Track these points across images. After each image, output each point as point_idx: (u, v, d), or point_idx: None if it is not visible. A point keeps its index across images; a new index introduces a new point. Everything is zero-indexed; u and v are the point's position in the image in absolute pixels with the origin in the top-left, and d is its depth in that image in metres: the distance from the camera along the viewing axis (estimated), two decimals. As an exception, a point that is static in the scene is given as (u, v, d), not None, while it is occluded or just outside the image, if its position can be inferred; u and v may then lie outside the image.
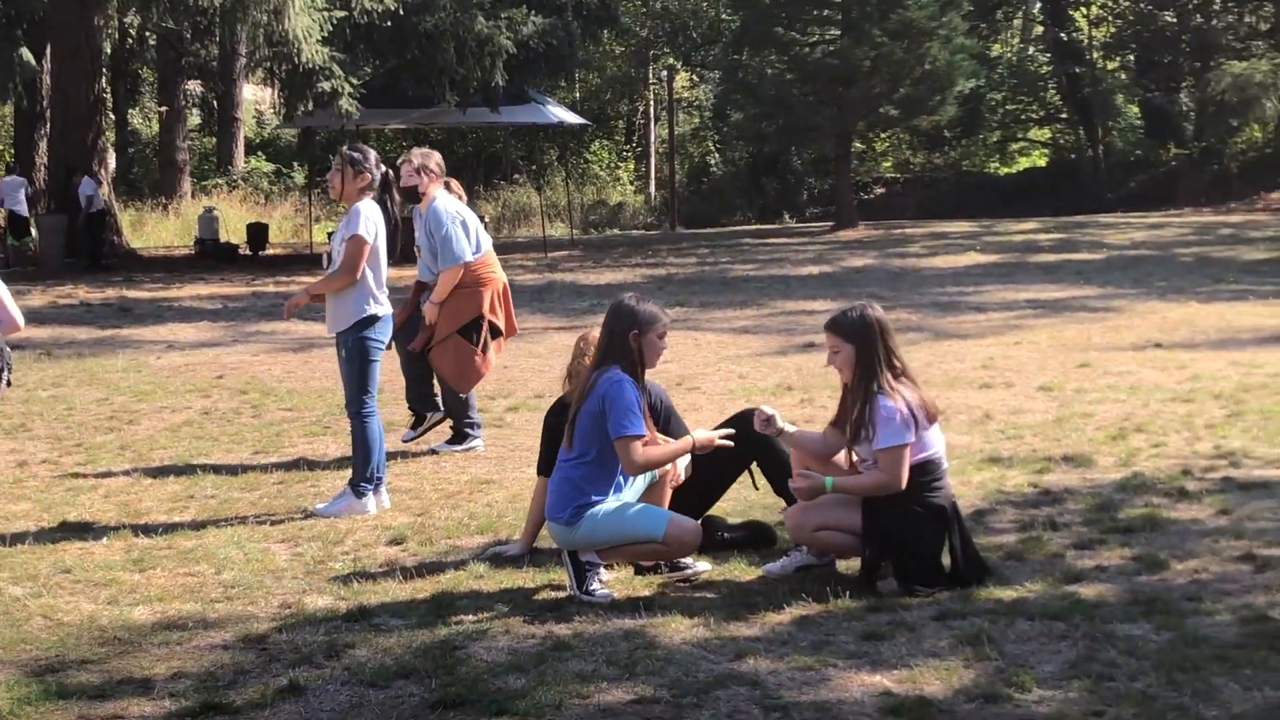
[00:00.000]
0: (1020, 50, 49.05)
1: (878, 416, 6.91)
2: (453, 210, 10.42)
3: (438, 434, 11.08)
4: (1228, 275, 21.72)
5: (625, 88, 49.91)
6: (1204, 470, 9.43)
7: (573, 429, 7.22)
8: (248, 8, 24.62)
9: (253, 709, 5.74)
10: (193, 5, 25.29)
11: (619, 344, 7.24)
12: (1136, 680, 5.77)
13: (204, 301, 22.19)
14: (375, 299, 9.04)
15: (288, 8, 24.37)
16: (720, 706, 5.63)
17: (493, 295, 10.52)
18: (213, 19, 26.85)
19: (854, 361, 7.06)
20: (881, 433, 6.90)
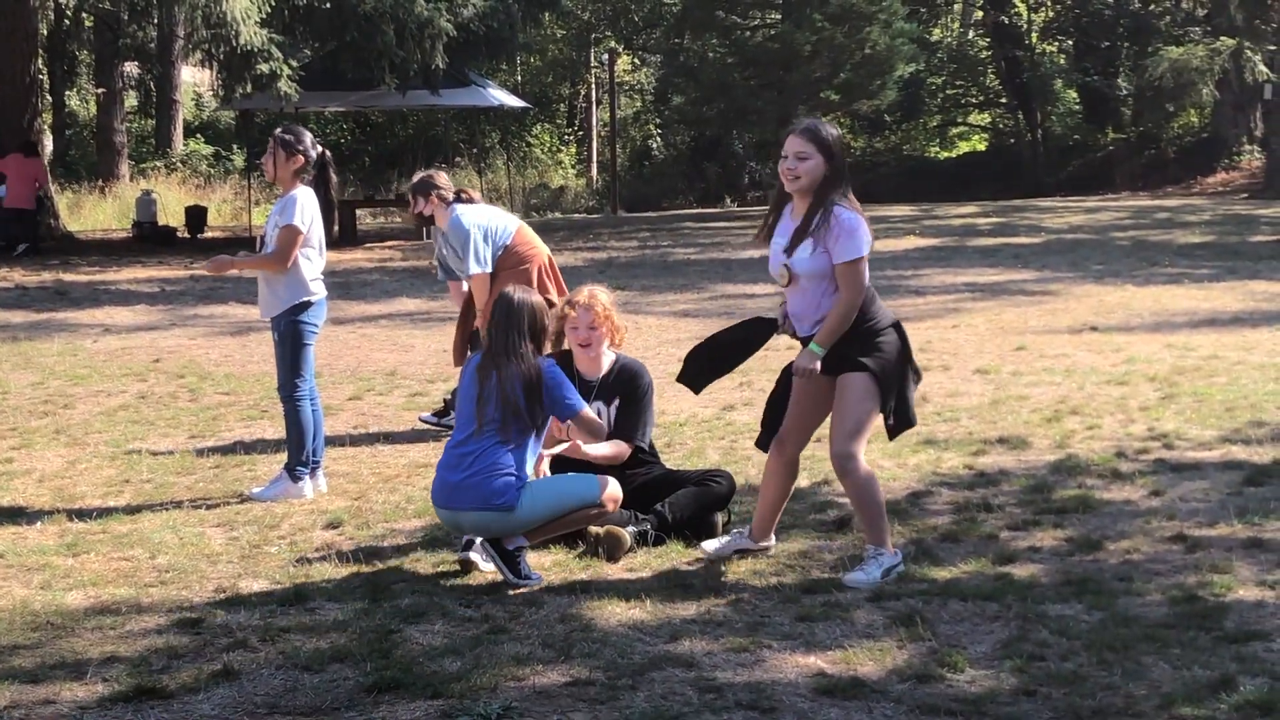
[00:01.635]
0: (960, 35, 49.27)
1: (841, 227, 6.80)
2: (470, 218, 10.39)
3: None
4: (1163, 259, 21.87)
5: (567, 71, 49.86)
6: (1137, 452, 9.52)
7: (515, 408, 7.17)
8: (186, -11, 24.49)
9: (186, 693, 5.72)
10: (128, -14, 25.15)
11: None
12: (1068, 660, 5.83)
13: (141, 285, 22.04)
14: (309, 285, 9.01)
15: (226, -12, 24.24)
16: (655, 688, 5.64)
17: (540, 270, 10.53)
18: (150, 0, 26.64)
19: (822, 174, 6.86)
20: (845, 245, 6.80)
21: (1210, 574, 6.87)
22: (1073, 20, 43.52)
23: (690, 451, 9.92)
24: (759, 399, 11.44)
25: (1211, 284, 18.68)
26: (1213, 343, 13.93)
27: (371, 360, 14.45)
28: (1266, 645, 5.95)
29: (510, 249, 10.41)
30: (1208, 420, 10.41)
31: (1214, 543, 7.42)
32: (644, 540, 7.55)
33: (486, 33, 29.04)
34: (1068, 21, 44.04)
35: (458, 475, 7.18)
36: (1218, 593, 6.61)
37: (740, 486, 8.40)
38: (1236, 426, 10.19)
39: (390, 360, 14.47)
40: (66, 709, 5.48)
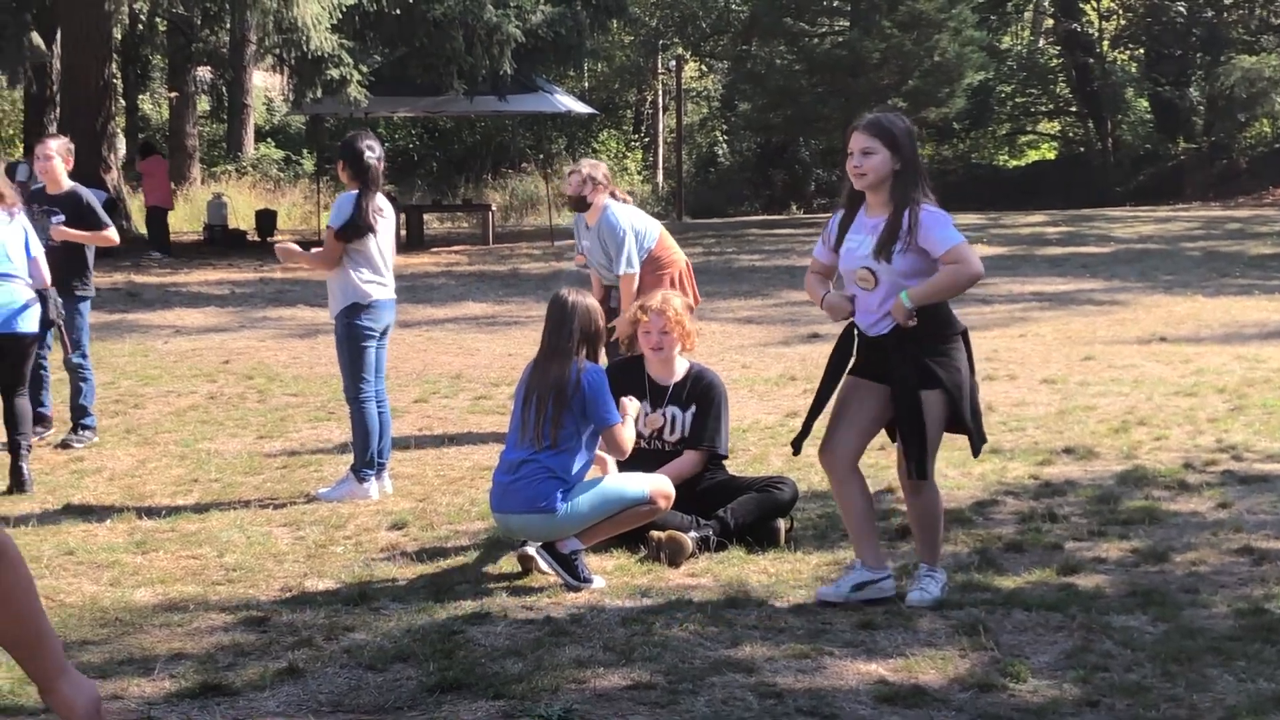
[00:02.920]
0: (1030, 43, 49.01)
1: (933, 219, 6.57)
2: (626, 219, 10.39)
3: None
4: (1234, 270, 21.69)
5: (634, 77, 49.90)
6: (1205, 464, 9.44)
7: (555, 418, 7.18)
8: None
9: (252, 690, 5.77)
10: (201, -9, 25.36)
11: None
12: (1131, 671, 5.79)
13: (211, 287, 22.22)
14: (363, 287, 9.04)
15: (297, -6, 24.40)
16: (716, 693, 5.65)
17: (678, 276, 10.53)
18: (223, 5, 26.90)
19: (892, 168, 6.58)
20: (942, 234, 6.54)
21: (1277, 587, 6.82)
22: (1144, 29, 43.22)
23: (753, 458, 9.92)
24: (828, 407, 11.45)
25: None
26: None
27: (437, 364, 14.52)
28: (1333, 659, 5.91)
29: (652, 254, 10.45)
30: (1276, 432, 10.32)
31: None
32: (706, 546, 7.56)
33: (554, 39, 29.13)
34: (1139, 30, 43.74)
35: (506, 478, 7.24)
36: (1284, 605, 6.57)
37: (803, 493, 8.38)
38: (1306, 439, 10.12)
39: (456, 364, 14.53)
40: (134, 704, 5.54)
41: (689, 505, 7.69)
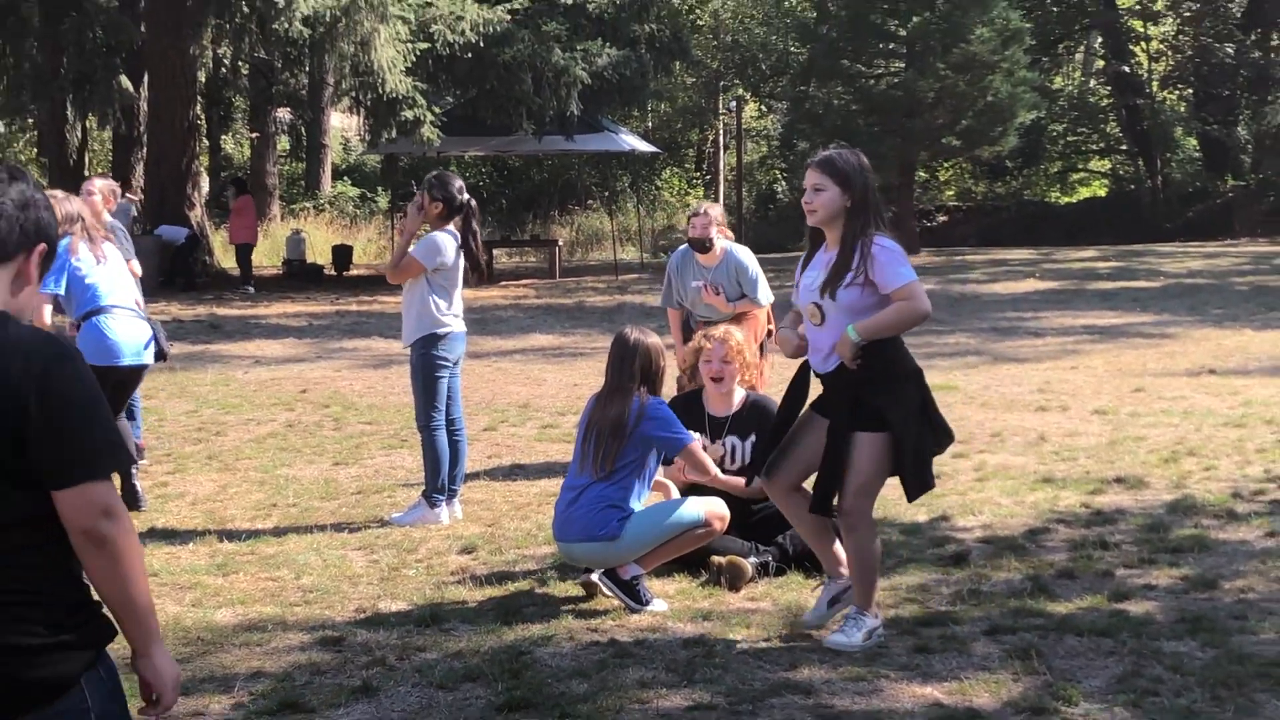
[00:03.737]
0: (1081, 83, 48.78)
1: (886, 254, 6.34)
2: (751, 255, 10.23)
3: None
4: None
5: (695, 117, 49.95)
6: (1253, 493, 9.35)
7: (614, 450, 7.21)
8: (336, 39, 24.85)
9: (327, 708, 5.80)
10: (283, 36, 25.51)
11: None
12: (1181, 696, 5.75)
13: (290, 319, 22.37)
14: (439, 319, 9.12)
15: (374, 40, 24.57)
16: (775, 714, 5.64)
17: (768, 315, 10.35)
18: (302, 50, 27.09)
19: (843, 205, 6.37)
20: (893, 271, 6.31)
21: (1325, 614, 6.76)
22: (1193, 69, 42.99)
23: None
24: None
25: (1329, 329, 18.36)
26: (1330, 387, 13.70)
27: (506, 393, 14.56)
28: (1380, 685, 5.84)
29: None
30: (1324, 463, 10.23)
31: (1329, 583, 7.30)
32: (765, 571, 7.54)
33: (619, 81, 29.20)
34: (1188, 71, 43.51)
35: (568, 508, 7.28)
36: (1332, 633, 6.50)
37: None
38: (1353, 470, 10.02)
39: (523, 393, 14.57)
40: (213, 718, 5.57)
41: (749, 532, 7.69)
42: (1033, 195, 45.97)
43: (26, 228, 3.21)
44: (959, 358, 16.51)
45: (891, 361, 6.42)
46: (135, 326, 9.40)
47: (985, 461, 10.58)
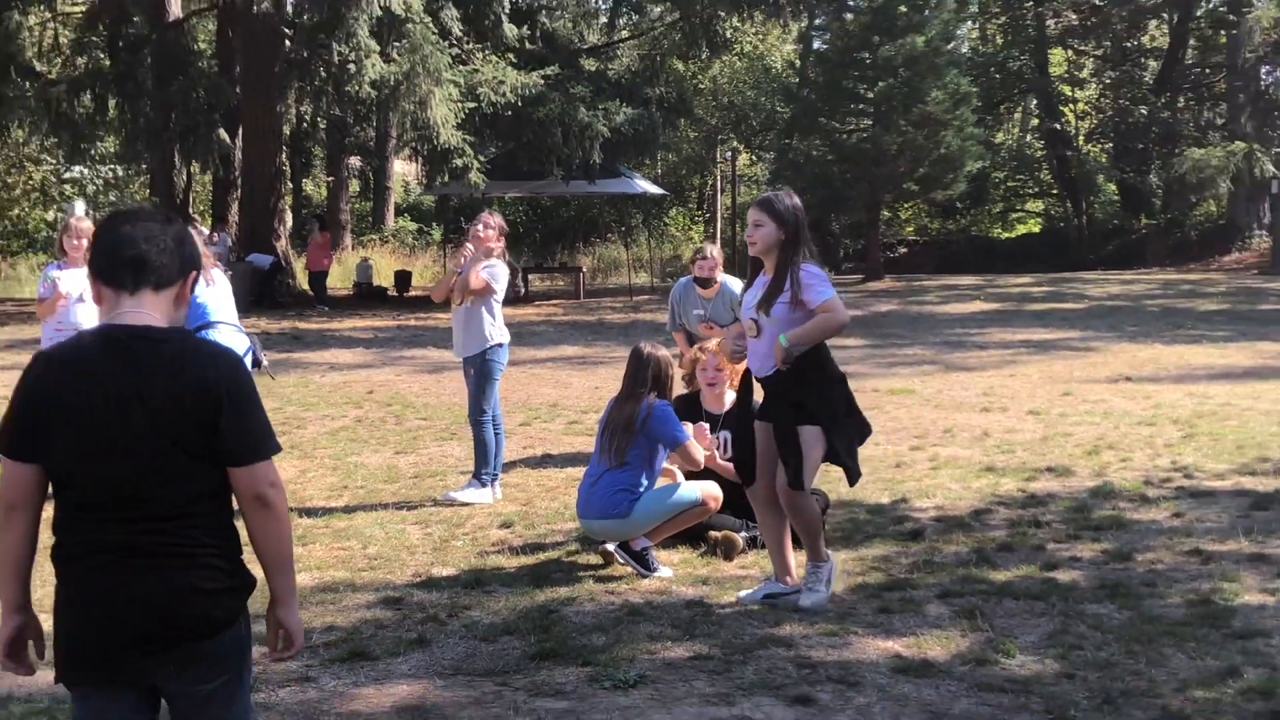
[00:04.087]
0: (1019, 138, 48.73)
1: (811, 277, 6.39)
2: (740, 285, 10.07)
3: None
4: (1186, 323, 21.45)
5: (697, 165, 49.89)
6: (1162, 481, 9.34)
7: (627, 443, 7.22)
8: (398, 100, 24.89)
9: (389, 657, 5.82)
10: (354, 96, 25.59)
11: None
12: (1101, 650, 5.75)
13: (359, 332, 22.37)
14: (498, 332, 9.17)
15: (430, 100, 24.61)
16: (761, 663, 5.65)
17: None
18: (370, 108, 27.14)
19: (778, 238, 6.42)
20: (817, 290, 6.35)
21: (1221, 582, 6.75)
22: (1112, 127, 42.88)
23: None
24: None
25: (1226, 344, 18.30)
26: (1227, 392, 13.64)
27: (538, 395, 14.56)
28: (1267, 641, 5.84)
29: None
30: (1221, 456, 10.20)
31: (1225, 556, 7.28)
32: (754, 544, 7.54)
33: (634, 135, 29.23)
34: (1108, 128, 43.39)
35: (588, 491, 7.32)
36: (1227, 598, 6.49)
37: (832, 503, 8.34)
38: (1245, 461, 9.97)
39: (553, 395, 14.57)
40: (296, 667, 5.58)
41: (740, 511, 7.69)
42: (979, 231, 45.92)
43: (184, 259, 3.42)
44: (916, 366, 16.50)
45: (821, 369, 6.46)
46: (236, 338, 9.43)
47: (938, 453, 10.58)
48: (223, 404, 3.29)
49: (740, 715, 5.07)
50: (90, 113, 28.40)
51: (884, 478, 9.60)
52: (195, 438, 3.29)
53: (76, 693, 3.40)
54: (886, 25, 31.78)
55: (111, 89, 27.99)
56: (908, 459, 10.33)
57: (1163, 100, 40.85)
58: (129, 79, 27.83)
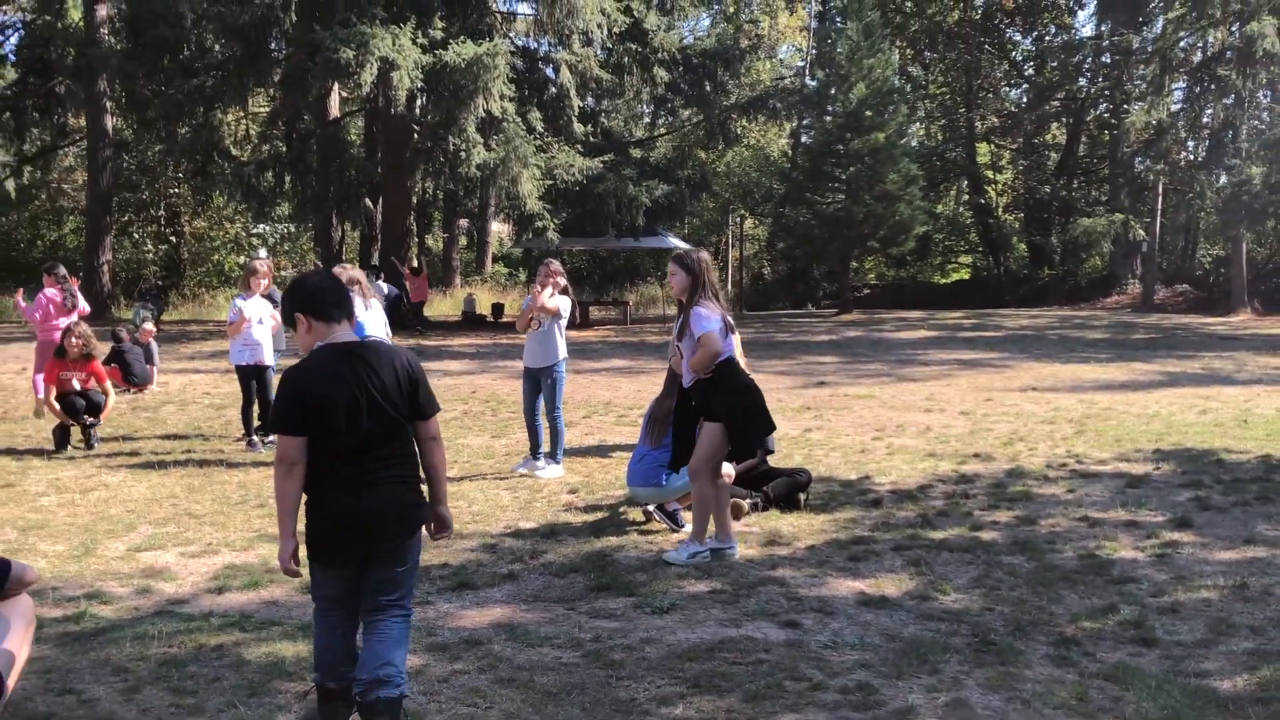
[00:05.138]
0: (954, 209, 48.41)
1: (697, 317, 6.25)
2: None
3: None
4: (1077, 348, 21.28)
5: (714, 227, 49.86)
6: (1060, 465, 9.27)
7: (663, 432, 7.20)
8: (496, 178, 24.98)
9: (486, 586, 5.83)
10: (464, 175, 25.68)
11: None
12: (1014, 590, 5.71)
13: (465, 348, 22.47)
14: (562, 350, 9.16)
15: (519, 178, 24.70)
16: (761, 596, 5.64)
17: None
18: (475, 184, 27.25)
19: (686, 284, 6.35)
20: (700, 324, 6.22)
21: (1104, 541, 6.69)
22: (1024, 201, 42.57)
23: (783, 456, 9.84)
24: (828, 425, 11.36)
25: (1108, 363, 18.13)
26: (1108, 399, 13.52)
27: (595, 395, 14.56)
28: (1138, 586, 5.79)
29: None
30: (1104, 447, 10.11)
31: (1106, 522, 7.21)
32: (756, 508, 7.53)
33: (668, 204, 29.24)
34: (1021, 202, 43.08)
35: (634, 466, 7.29)
36: (1108, 553, 6.43)
37: (815, 478, 8.31)
38: (1123, 451, 9.89)
39: (607, 395, 14.57)
40: (419, 593, 5.61)
41: (745, 483, 7.67)
42: (923, 278, 45.63)
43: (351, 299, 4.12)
44: (876, 378, 16.41)
45: (726, 381, 6.35)
46: None
47: (892, 443, 10.52)
48: (417, 381, 3.92)
49: (745, 635, 5.06)
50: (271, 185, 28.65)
51: (851, 460, 9.56)
52: (405, 404, 3.88)
53: (318, 569, 3.92)
54: (855, 125, 31.70)
55: (287, 168, 28.23)
56: (869, 446, 10.28)
57: (1061, 181, 40.62)
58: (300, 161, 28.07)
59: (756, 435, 6.51)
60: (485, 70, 23.18)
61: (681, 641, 4.95)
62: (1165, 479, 8.63)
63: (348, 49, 22.15)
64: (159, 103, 25.11)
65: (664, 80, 28.71)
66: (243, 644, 4.88)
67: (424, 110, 26.13)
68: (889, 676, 4.53)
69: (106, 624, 5.17)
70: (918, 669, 4.61)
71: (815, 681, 4.47)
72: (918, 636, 5.04)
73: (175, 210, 40.19)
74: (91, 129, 28.68)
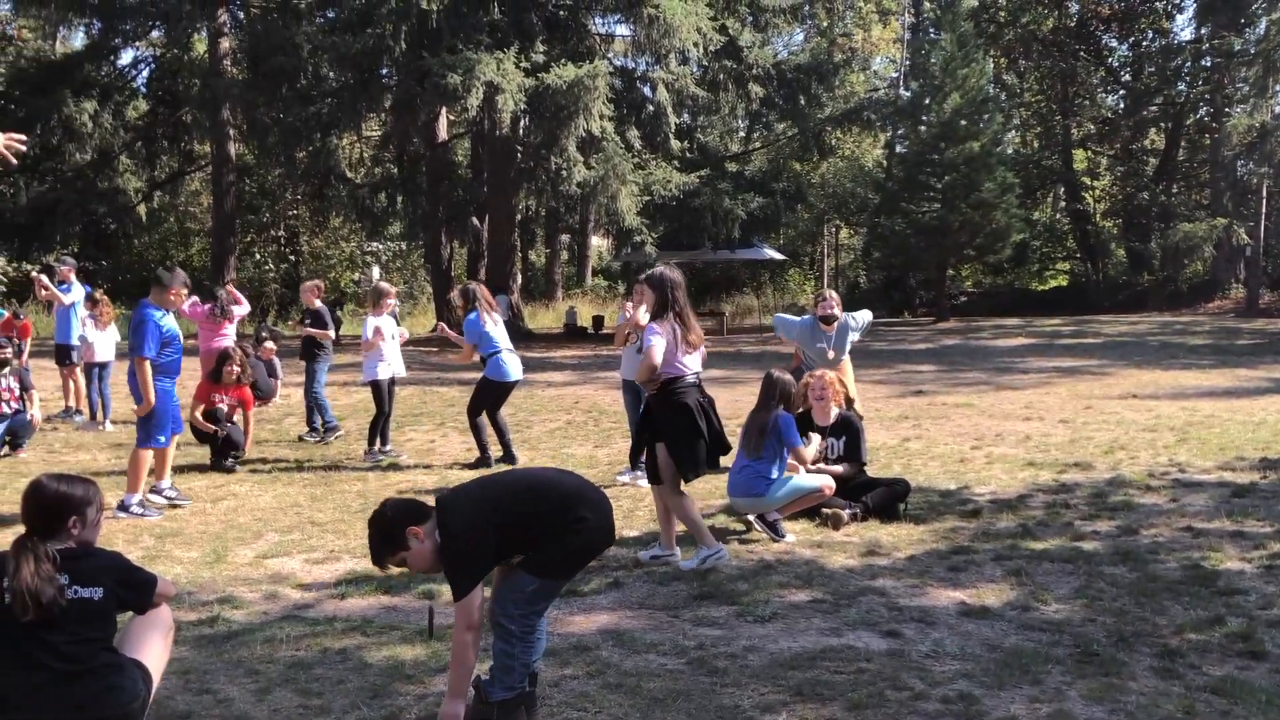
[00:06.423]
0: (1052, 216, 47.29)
1: (647, 331, 6.35)
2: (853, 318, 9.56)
3: None
4: (1179, 354, 20.65)
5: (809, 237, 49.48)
6: (1162, 474, 9.03)
7: (761, 442, 7.18)
8: (596, 195, 25.23)
9: (593, 594, 5.89)
10: (565, 193, 25.99)
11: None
12: (1116, 601, 5.59)
13: (567, 359, 22.71)
14: None
15: (618, 195, 24.90)
16: (862, 606, 5.60)
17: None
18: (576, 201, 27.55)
19: (652, 300, 6.43)
20: (644, 339, 6.35)
21: (1208, 551, 6.50)
22: (1122, 207, 41.44)
23: (882, 466, 9.75)
24: (927, 434, 11.23)
25: (1210, 370, 17.55)
26: (1211, 406, 13.10)
27: (696, 406, 14.56)
28: (1245, 597, 5.61)
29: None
30: (1207, 455, 9.81)
31: (1210, 532, 7.01)
32: (855, 518, 7.48)
33: (763, 216, 29.17)
34: (1119, 208, 41.95)
35: (734, 476, 7.28)
36: (1213, 563, 6.25)
37: (914, 488, 8.21)
38: (1226, 459, 9.58)
39: (707, 406, 14.57)
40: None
41: (844, 494, 7.63)
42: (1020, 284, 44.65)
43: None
44: (975, 386, 16.15)
45: (667, 400, 6.40)
46: (513, 359, 9.86)
47: (991, 452, 10.35)
48: None
49: (847, 644, 5.04)
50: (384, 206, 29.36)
51: (950, 469, 9.43)
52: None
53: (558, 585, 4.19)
54: (950, 134, 31.24)
55: (399, 189, 28.90)
56: (968, 455, 10.13)
57: (1160, 186, 39.43)
58: (411, 182, 28.72)
59: (688, 457, 6.42)
60: (585, 91, 23.42)
61: (784, 650, 4.95)
62: (1272, 488, 8.34)
63: (455, 74, 22.59)
64: (278, 129, 25.92)
65: (759, 95, 28.66)
66: (365, 647, 5.02)
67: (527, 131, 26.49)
68: (991, 687, 4.47)
69: (238, 627, 5.37)
70: (1019, 679, 4.54)
71: (917, 691, 4.43)
72: (1019, 647, 4.96)
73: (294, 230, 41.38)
74: (216, 155, 29.73)
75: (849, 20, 44.98)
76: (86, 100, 27.99)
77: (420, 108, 24.95)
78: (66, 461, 10.31)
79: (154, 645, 3.89)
